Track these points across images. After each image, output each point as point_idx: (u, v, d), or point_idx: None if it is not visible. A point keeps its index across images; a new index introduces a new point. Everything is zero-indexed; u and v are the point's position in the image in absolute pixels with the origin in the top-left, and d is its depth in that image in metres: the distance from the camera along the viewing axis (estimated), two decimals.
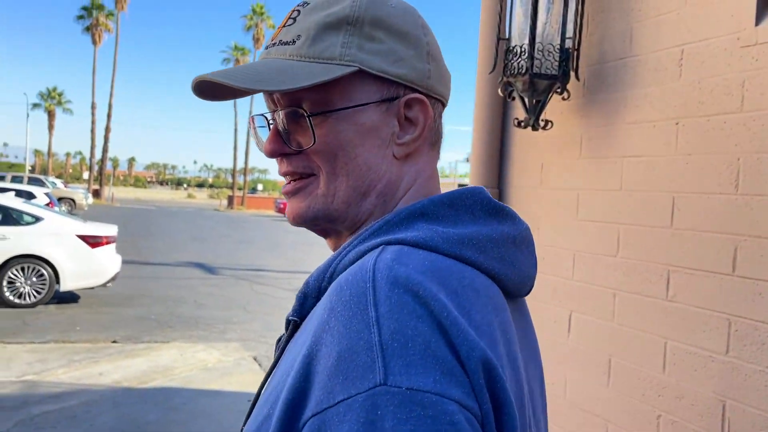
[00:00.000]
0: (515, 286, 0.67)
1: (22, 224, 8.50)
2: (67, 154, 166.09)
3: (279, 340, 0.67)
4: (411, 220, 0.63)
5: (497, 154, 2.56)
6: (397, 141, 0.68)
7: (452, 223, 0.63)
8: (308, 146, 0.65)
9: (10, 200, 8.94)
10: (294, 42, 0.66)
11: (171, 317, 8.40)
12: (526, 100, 2.08)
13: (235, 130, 52.26)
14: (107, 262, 8.85)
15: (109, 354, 6.36)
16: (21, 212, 8.62)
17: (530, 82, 2.01)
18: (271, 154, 0.69)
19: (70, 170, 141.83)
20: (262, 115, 0.72)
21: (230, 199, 52.09)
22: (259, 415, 0.57)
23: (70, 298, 9.15)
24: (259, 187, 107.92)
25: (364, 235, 0.63)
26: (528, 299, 0.77)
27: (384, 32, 0.66)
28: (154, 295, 10.03)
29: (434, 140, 0.71)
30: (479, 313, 0.56)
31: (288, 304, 9.95)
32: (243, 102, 79.87)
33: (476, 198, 0.66)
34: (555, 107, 2.17)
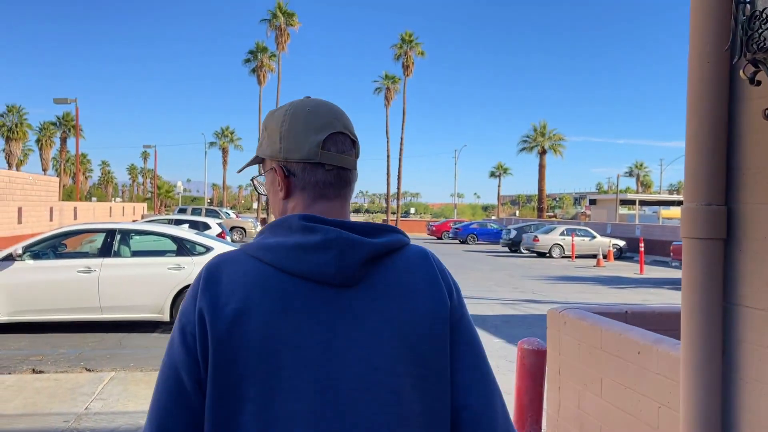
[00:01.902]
0: (312, 275, 1.01)
1: (195, 254, 8.99)
2: (240, 187, 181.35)
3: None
4: (260, 234, 1.10)
5: (723, 160, 1.97)
6: (278, 190, 1.14)
7: (268, 236, 1.06)
8: (262, 192, 1.25)
9: (184, 232, 9.53)
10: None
11: None
12: None
13: (388, 156, 53.52)
14: None
15: None
16: (194, 243, 9.12)
17: None
18: (261, 194, 1.29)
19: (243, 201, 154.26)
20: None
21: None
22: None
23: None
24: (412, 210, 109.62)
25: None
26: None
27: (267, 132, 1.16)
28: None
29: (303, 186, 1.12)
30: (225, 288, 1.01)
31: None
32: (394, 129, 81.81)
33: (288, 222, 1.06)
34: None
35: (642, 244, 21.76)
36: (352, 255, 1.02)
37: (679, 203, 46.15)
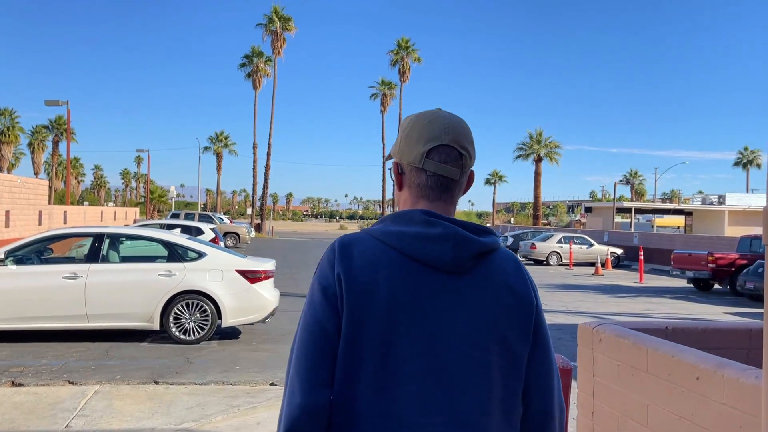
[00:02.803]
0: (428, 260, 1.21)
1: (187, 260, 8.61)
2: (234, 192, 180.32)
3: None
4: (379, 221, 1.29)
5: None
6: (395, 182, 1.38)
7: (390, 224, 1.25)
8: None
9: (176, 237, 9.14)
10: None
11: None
12: None
13: (383, 163, 53.20)
14: (266, 298, 8.70)
15: (268, 398, 5.98)
16: (186, 248, 8.74)
17: None
18: None
19: (236, 206, 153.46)
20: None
21: None
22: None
23: (232, 333, 9.11)
24: None
25: None
26: None
27: (397, 137, 1.39)
28: None
29: (410, 185, 1.33)
30: (358, 260, 1.21)
31: None
32: (390, 136, 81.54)
33: (411, 214, 1.25)
34: None
35: (642, 253, 21.47)
36: (465, 248, 1.21)
37: (675, 211, 46.01)
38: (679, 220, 48.40)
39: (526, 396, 1.26)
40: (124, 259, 8.89)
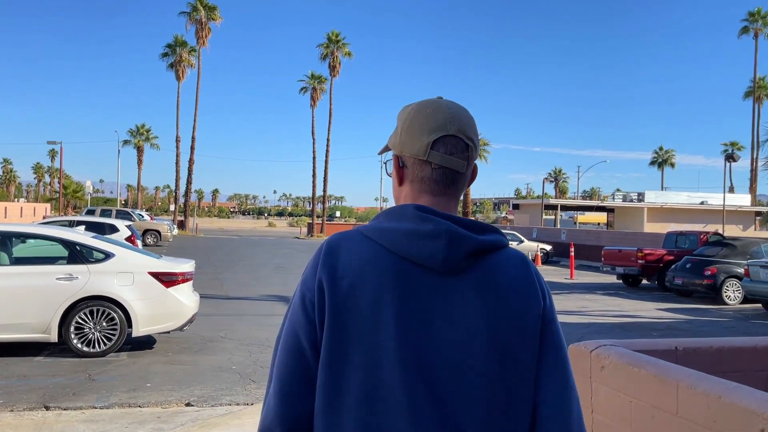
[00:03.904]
0: (422, 260, 1.11)
1: (92, 262, 7.56)
2: (157, 188, 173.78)
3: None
4: (374, 218, 1.19)
5: None
6: (395, 176, 1.26)
7: (382, 221, 1.16)
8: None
9: (79, 236, 8.06)
10: None
11: (255, 367, 7.18)
12: None
13: (314, 158, 52.06)
14: (183, 303, 7.77)
15: (181, 424, 5.13)
16: (90, 248, 7.69)
17: None
18: None
19: (159, 203, 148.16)
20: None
21: (310, 227, 51.74)
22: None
23: (145, 343, 8.12)
24: (337, 213, 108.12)
25: None
26: None
27: (396, 127, 1.26)
28: (235, 337, 8.89)
29: (412, 179, 1.22)
30: (343, 262, 1.12)
31: None
32: (320, 130, 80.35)
33: (405, 210, 1.16)
34: None
35: (572, 249, 21.60)
36: (459, 247, 1.11)
37: (598, 208, 47.37)
38: (600, 217, 49.89)
39: (539, 411, 1.13)
40: (18, 261, 7.73)
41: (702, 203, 43.33)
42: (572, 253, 21.32)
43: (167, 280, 7.70)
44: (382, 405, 1.06)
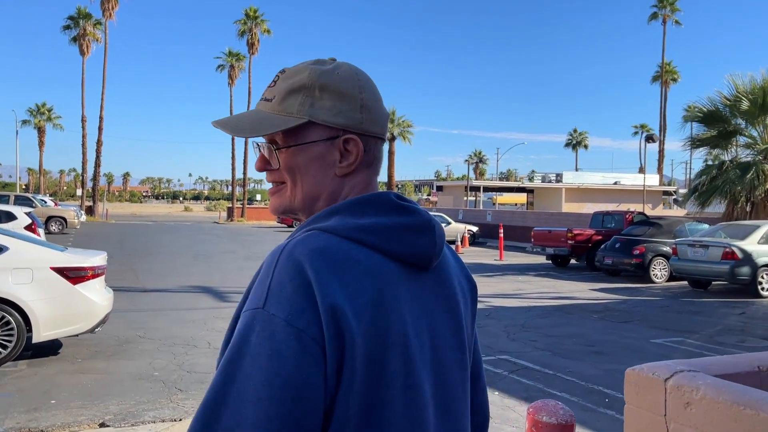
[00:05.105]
0: (415, 259, 0.94)
1: None
2: (62, 172, 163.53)
3: None
4: (329, 215, 0.94)
5: None
6: (338, 165, 0.99)
7: (357, 216, 0.93)
8: (276, 167, 1.01)
9: None
10: (271, 100, 1.00)
11: (180, 372, 6.33)
12: None
13: (232, 139, 50.00)
14: (94, 302, 6.77)
15: None
16: None
17: None
18: (258, 170, 1.04)
19: (65, 187, 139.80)
20: (256, 143, 1.05)
21: (230, 211, 49.94)
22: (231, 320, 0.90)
23: (50, 348, 7.06)
24: (257, 197, 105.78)
25: (303, 226, 0.96)
26: None
27: (328, 94, 0.98)
28: (155, 336, 7.95)
29: (369, 163, 1.02)
30: (351, 275, 0.86)
31: None
32: (239, 110, 77.89)
33: (382, 199, 0.96)
34: None
35: (501, 230, 21.59)
36: (442, 239, 1.00)
37: (518, 189, 48.30)
38: (518, 198, 50.98)
39: (473, 402, 1.11)
40: None
41: (615, 183, 45.02)
42: (501, 234, 21.31)
43: (74, 276, 6.68)
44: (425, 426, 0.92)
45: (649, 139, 28.34)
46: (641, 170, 58.21)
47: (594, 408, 5.45)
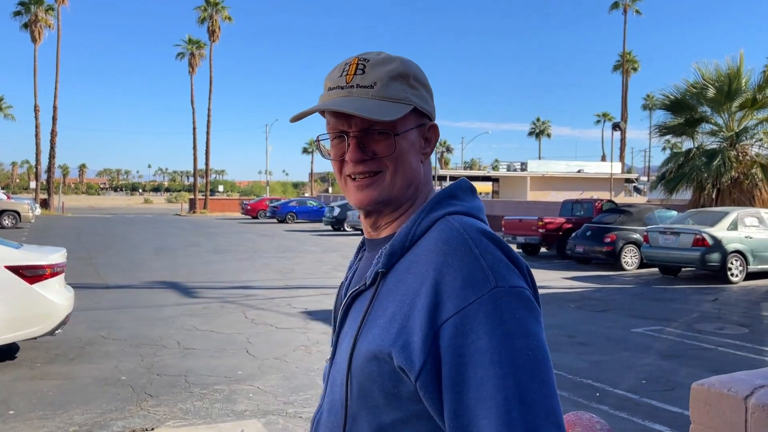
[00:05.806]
0: None
1: None
2: (14, 164, 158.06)
3: (354, 293, 1.02)
4: (447, 200, 1.02)
5: None
6: (423, 151, 1.06)
7: (469, 200, 1.03)
8: (387, 154, 1.00)
9: None
10: (372, 86, 1.00)
11: (150, 376, 5.94)
12: None
13: (194, 129, 48.85)
14: (53, 302, 6.31)
15: None
16: None
17: None
18: (356, 161, 1.00)
19: (18, 180, 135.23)
20: (330, 133, 1.04)
21: (192, 203, 48.85)
22: (391, 330, 0.90)
23: (5, 353, 6.57)
24: (220, 188, 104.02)
25: (423, 212, 1.00)
26: None
27: (419, 83, 1.05)
28: (120, 336, 7.51)
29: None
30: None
31: (296, 333, 7.61)
32: (201, 102, 76.07)
33: (468, 185, 1.08)
34: None
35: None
36: None
37: (484, 178, 48.44)
38: (485, 187, 51.15)
39: None
40: None
41: (579, 171, 45.55)
42: None
43: (31, 275, 6.21)
44: None
45: (616, 127, 28.63)
46: (603, 158, 58.93)
47: (586, 403, 5.28)
